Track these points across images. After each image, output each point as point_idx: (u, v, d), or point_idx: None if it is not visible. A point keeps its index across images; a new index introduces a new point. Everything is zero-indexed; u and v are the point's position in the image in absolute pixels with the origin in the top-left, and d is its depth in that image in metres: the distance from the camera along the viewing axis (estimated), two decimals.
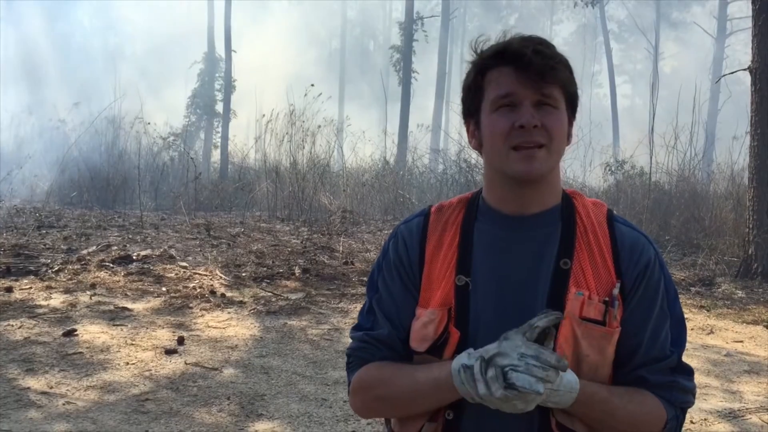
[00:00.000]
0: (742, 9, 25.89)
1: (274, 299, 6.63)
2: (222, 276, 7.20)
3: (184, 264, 7.60)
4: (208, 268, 7.44)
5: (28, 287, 6.50)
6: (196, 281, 6.95)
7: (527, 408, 1.23)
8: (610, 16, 34.93)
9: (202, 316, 6.03)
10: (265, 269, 7.68)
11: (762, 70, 8.35)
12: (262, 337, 5.56)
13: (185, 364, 4.84)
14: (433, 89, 28.66)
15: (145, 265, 7.40)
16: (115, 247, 8.32)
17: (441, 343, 1.38)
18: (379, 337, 1.45)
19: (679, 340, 1.44)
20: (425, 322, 1.40)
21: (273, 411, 4.14)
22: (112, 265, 7.33)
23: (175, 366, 4.80)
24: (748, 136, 9.02)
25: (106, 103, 16.37)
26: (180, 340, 5.28)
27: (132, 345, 5.16)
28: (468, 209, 1.47)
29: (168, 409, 4.07)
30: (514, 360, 1.20)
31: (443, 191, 14.15)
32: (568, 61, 1.40)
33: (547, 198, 1.42)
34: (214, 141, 22.07)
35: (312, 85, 14.32)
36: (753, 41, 8.61)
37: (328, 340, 5.61)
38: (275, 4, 38.35)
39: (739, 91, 19.73)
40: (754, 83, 8.48)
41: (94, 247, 8.24)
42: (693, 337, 6.08)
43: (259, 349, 5.26)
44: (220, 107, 22.29)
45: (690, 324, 6.15)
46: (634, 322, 1.38)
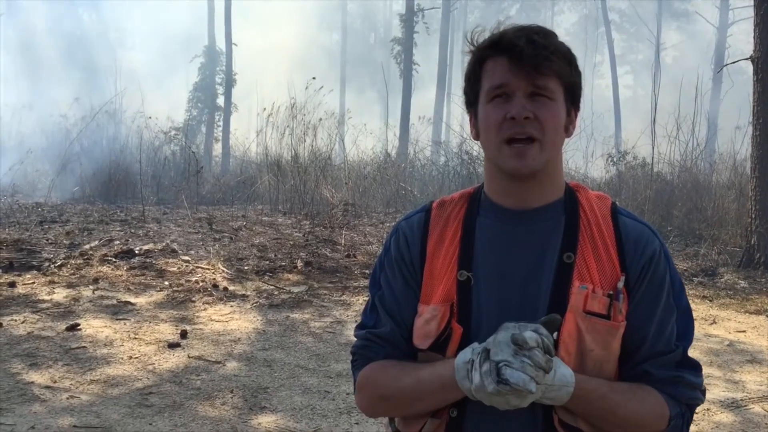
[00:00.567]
0: None
1: (276, 292, 6.64)
2: (224, 270, 7.21)
3: (187, 258, 7.61)
4: (210, 262, 7.45)
5: (31, 282, 6.51)
6: (199, 275, 6.96)
7: (522, 404, 1.22)
8: (611, 7, 34.78)
9: (205, 309, 6.04)
10: (267, 262, 7.69)
11: (764, 59, 8.31)
12: (264, 331, 5.57)
13: (188, 357, 4.85)
14: (434, 81, 28.59)
15: (147, 260, 7.41)
16: (117, 242, 8.33)
17: (444, 339, 1.36)
18: (382, 335, 1.44)
19: (686, 333, 1.42)
20: (427, 318, 1.38)
21: (276, 404, 4.15)
22: (114, 259, 7.34)
23: (178, 360, 4.81)
24: (751, 126, 8.99)
25: (107, 98, 16.38)
26: (183, 334, 5.30)
27: (135, 339, 5.17)
28: (470, 204, 1.45)
29: (171, 403, 4.09)
30: (508, 356, 1.19)
31: (445, 183, 14.13)
32: (569, 51, 1.36)
33: (548, 191, 1.40)
34: (215, 135, 22.08)
35: (313, 78, 14.28)
36: (755, 30, 8.56)
37: (330, 332, 5.62)
38: None
39: (741, 80, 19.67)
40: (756, 73, 8.44)
41: (96, 242, 8.25)
42: (696, 327, 5.96)
43: (261, 342, 5.28)
44: (221, 101, 22.29)
45: (691, 309, 6.15)
46: (639, 316, 1.36)
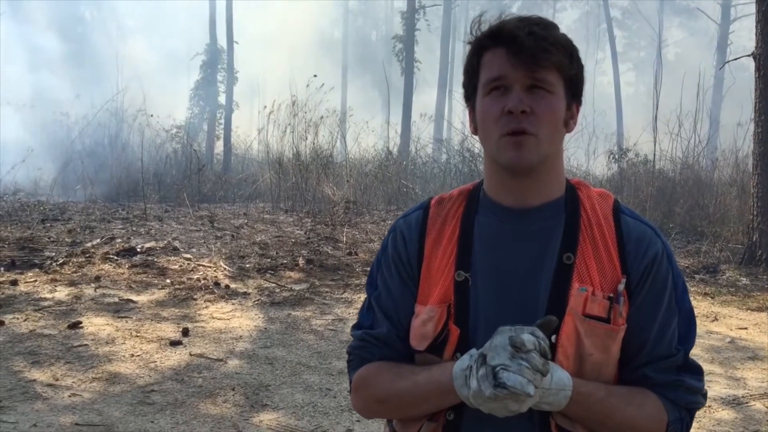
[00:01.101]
0: None
1: (278, 290, 6.64)
2: (226, 267, 7.21)
3: (188, 256, 7.62)
4: (212, 260, 7.46)
5: (33, 280, 6.52)
6: (200, 273, 6.97)
7: (520, 409, 1.19)
8: (613, 3, 34.73)
9: (207, 307, 6.05)
10: (268, 260, 7.70)
11: (766, 56, 8.29)
12: (266, 328, 5.58)
13: (190, 355, 4.86)
14: (435, 79, 28.56)
15: (149, 257, 7.42)
16: (119, 240, 8.34)
17: (441, 341, 1.33)
18: (379, 336, 1.41)
19: (688, 337, 1.38)
20: (424, 319, 1.35)
21: (278, 401, 4.15)
22: (116, 257, 7.35)
23: (179, 357, 4.82)
24: (753, 123, 8.97)
25: (108, 96, 16.37)
26: (184, 332, 5.30)
27: (137, 337, 5.18)
28: (469, 202, 1.42)
29: (173, 401, 4.09)
30: (505, 359, 1.16)
31: (446, 181, 14.12)
32: (570, 43, 1.32)
33: (548, 189, 1.36)
34: (216, 132, 22.06)
35: (315, 75, 14.28)
36: (757, 27, 8.54)
37: (332, 330, 5.62)
38: None
39: (743, 77, 19.64)
40: (758, 69, 8.42)
41: (98, 240, 8.26)
42: (697, 324, 6.07)
43: (263, 340, 5.28)
44: (222, 99, 22.27)
45: (694, 311, 6.14)
46: (640, 319, 1.33)
